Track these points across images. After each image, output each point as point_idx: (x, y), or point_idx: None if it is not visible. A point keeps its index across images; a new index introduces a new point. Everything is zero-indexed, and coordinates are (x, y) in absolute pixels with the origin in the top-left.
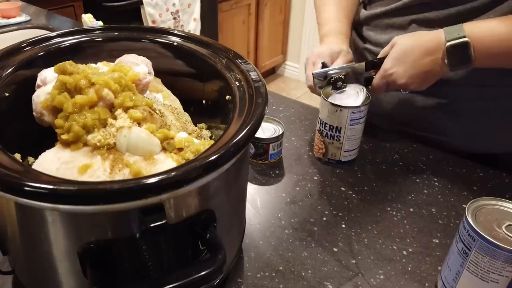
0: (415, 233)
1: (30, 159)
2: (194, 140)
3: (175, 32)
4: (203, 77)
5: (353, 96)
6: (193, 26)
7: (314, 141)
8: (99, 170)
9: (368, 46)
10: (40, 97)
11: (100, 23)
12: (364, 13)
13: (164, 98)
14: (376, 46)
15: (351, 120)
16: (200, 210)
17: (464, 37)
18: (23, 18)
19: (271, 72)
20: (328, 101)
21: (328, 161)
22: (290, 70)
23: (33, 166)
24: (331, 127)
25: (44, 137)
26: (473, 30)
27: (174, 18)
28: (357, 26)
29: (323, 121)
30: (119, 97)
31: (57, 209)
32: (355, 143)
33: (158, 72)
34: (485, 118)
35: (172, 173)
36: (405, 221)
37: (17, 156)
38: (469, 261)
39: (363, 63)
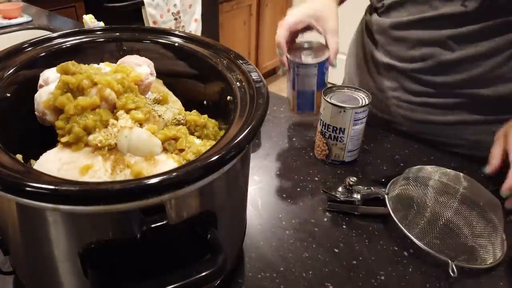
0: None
1: (33, 162)
2: (195, 140)
3: (176, 32)
4: (204, 78)
5: (352, 97)
6: (194, 26)
7: (316, 143)
8: (100, 171)
9: (391, 61)
10: (42, 96)
11: (101, 24)
12: (381, 21)
13: (165, 99)
14: (403, 62)
15: (354, 120)
16: (201, 211)
17: None
18: (24, 18)
19: (272, 73)
20: (331, 103)
21: (331, 162)
22: None
23: (34, 167)
24: (335, 128)
25: (46, 138)
26: None
27: (175, 19)
28: (373, 35)
29: (325, 123)
30: (121, 99)
31: (58, 210)
32: (357, 143)
33: (159, 73)
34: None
35: (173, 174)
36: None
37: (19, 157)
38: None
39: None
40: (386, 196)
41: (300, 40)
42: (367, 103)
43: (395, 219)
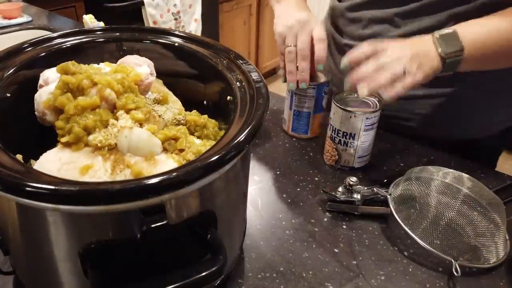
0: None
1: (33, 162)
2: (195, 140)
3: (176, 32)
4: (204, 78)
5: (362, 102)
6: (194, 26)
7: (325, 148)
8: (100, 171)
9: (349, 41)
10: (42, 96)
11: (101, 24)
12: (339, 5)
13: (165, 99)
14: (357, 41)
15: (365, 126)
16: (201, 211)
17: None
18: (24, 19)
19: (272, 73)
20: (341, 108)
21: (341, 168)
22: None
23: (35, 167)
24: (345, 133)
25: (46, 138)
26: (461, 25)
27: (175, 19)
28: (334, 19)
29: (335, 128)
30: (121, 99)
31: (58, 210)
32: (368, 148)
33: (159, 73)
34: (466, 104)
35: (173, 174)
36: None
37: (19, 157)
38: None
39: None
40: (388, 196)
41: None
42: (378, 108)
43: (398, 219)
